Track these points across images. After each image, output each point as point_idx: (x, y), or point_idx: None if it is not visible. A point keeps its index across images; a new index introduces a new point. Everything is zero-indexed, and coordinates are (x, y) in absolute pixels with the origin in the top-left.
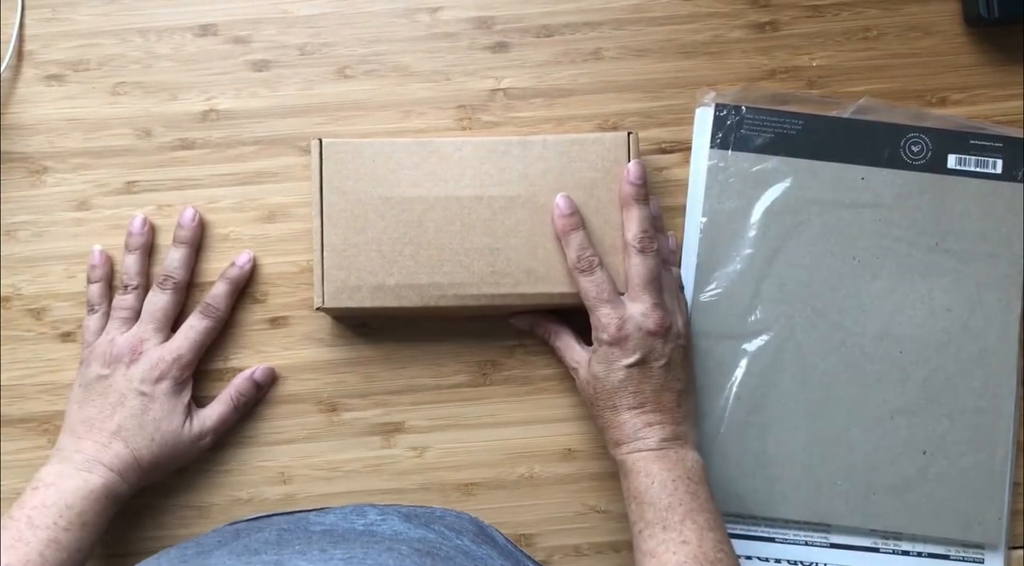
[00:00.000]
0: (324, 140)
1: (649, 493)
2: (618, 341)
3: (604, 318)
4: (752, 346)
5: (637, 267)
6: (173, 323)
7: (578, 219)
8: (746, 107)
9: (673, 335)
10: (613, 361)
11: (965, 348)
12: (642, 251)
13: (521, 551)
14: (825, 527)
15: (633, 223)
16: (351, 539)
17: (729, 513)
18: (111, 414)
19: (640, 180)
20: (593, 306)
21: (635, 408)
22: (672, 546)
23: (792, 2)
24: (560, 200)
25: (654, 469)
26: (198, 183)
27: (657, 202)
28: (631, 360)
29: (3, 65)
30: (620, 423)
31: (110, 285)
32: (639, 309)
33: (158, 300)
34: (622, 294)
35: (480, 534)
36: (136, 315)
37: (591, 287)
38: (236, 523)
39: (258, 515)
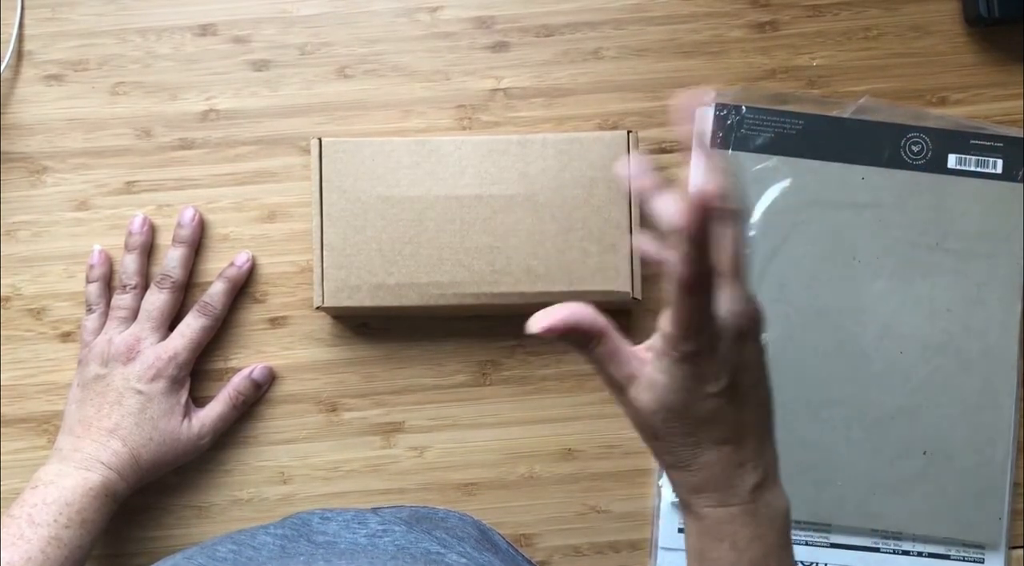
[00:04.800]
0: (324, 139)
1: None
2: (698, 354)
3: (680, 321)
4: None
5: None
6: (171, 323)
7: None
8: (746, 107)
9: (758, 331)
10: (698, 387)
11: (965, 348)
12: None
13: (522, 555)
14: (825, 527)
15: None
16: (354, 553)
17: None
18: (109, 413)
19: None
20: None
21: (722, 444)
22: None
23: (792, 2)
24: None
25: (743, 537)
26: (198, 183)
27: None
28: (722, 384)
29: (3, 65)
30: (706, 464)
31: (109, 285)
32: (726, 303)
33: (156, 299)
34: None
35: (482, 539)
36: (134, 315)
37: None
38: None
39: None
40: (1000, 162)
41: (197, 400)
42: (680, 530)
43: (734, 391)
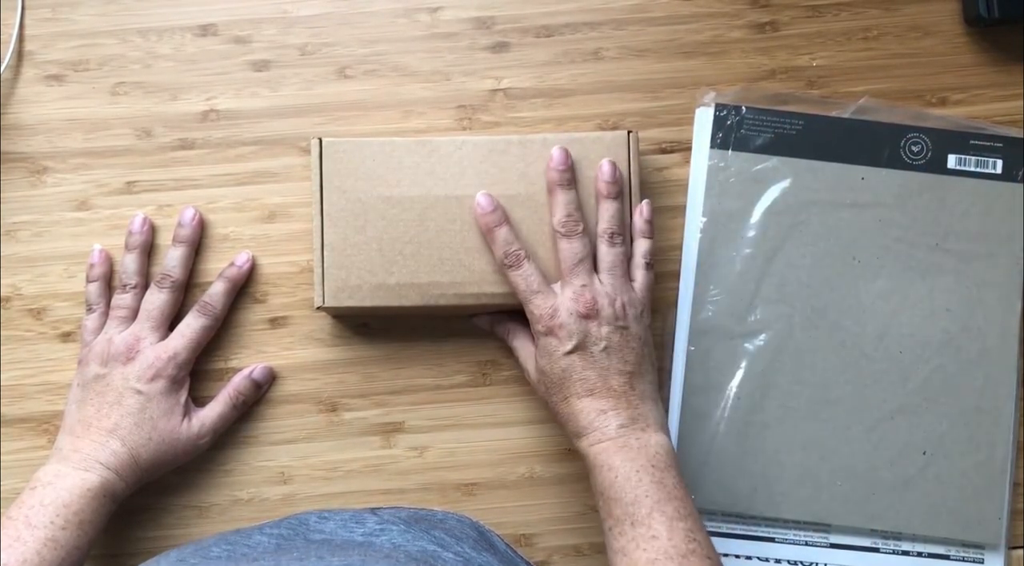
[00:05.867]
0: (324, 139)
1: (614, 488)
2: (552, 330)
3: (536, 310)
4: (752, 346)
5: (564, 252)
6: (171, 323)
7: (501, 215)
8: (746, 107)
9: (607, 317)
10: (553, 351)
11: (965, 348)
12: (567, 235)
13: (520, 557)
14: (825, 527)
15: (558, 208)
16: (349, 548)
17: (729, 513)
18: (108, 413)
19: (563, 165)
20: (526, 299)
21: (585, 396)
22: (642, 542)
23: (792, 2)
24: (481, 198)
25: (616, 461)
26: (198, 183)
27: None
28: (568, 347)
29: (3, 65)
30: (574, 414)
31: (109, 284)
32: (569, 293)
33: (156, 299)
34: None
35: (480, 540)
36: (134, 315)
37: (520, 281)
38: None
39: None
40: (1000, 162)
41: (197, 400)
42: None
43: (584, 353)
